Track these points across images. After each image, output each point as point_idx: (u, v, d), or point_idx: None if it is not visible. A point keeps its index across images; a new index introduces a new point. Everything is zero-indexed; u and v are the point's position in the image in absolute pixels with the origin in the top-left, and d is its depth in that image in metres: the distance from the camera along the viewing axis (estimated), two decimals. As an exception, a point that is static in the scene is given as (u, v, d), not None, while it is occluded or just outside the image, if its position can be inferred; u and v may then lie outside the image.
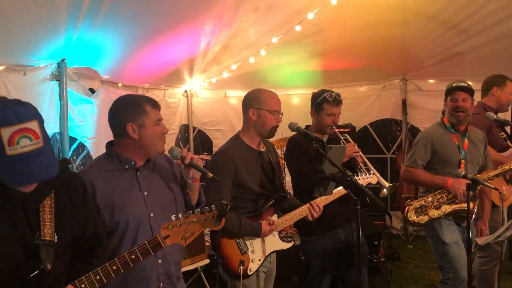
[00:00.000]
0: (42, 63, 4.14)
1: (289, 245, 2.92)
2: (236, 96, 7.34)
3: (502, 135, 3.61)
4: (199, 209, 1.89)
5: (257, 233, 2.73)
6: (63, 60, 4.33)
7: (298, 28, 5.33)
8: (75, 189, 1.87)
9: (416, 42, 5.81)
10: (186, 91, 7.15)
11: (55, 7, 3.44)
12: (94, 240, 1.93)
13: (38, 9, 3.35)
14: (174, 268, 2.30)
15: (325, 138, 3.39)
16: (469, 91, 3.32)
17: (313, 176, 2.80)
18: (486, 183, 2.89)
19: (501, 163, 3.64)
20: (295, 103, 7.11)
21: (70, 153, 4.61)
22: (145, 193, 2.21)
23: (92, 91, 4.99)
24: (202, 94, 7.28)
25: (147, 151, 2.21)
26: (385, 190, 3.16)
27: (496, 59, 5.68)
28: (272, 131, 2.86)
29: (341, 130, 6.42)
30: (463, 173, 2.93)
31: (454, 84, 3.37)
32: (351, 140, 3.42)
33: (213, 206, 1.88)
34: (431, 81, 6.56)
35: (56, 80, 4.33)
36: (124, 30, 4.36)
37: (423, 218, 3.33)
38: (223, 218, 1.87)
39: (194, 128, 7.40)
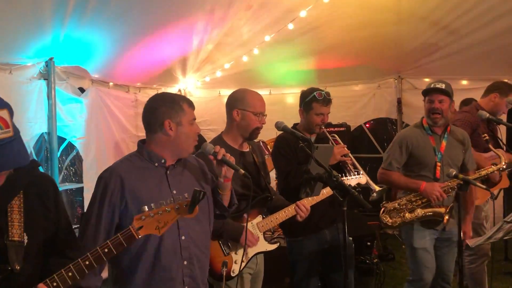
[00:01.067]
0: (29, 62, 4.09)
1: (274, 246, 2.87)
2: (230, 95, 7.25)
3: (484, 136, 3.56)
4: (171, 198, 1.84)
5: (238, 235, 2.67)
6: (51, 59, 4.28)
7: (290, 26, 5.28)
8: (45, 189, 1.84)
9: (411, 41, 5.77)
10: (180, 91, 7.07)
11: (39, 5, 3.40)
12: (67, 240, 1.89)
13: (22, 7, 3.30)
14: (199, 271, 2.25)
15: (313, 137, 3.33)
16: (446, 92, 3.26)
17: (301, 177, 2.74)
18: (478, 184, 2.84)
19: (478, 164, 3.60)
20: (290, 102, 7.03)
21: (59, 153, 4.56)
22: (174, 192, 2.18)
23: (82, 90, 4.93)
24: (196, 94, 7.21)
25: (180, 150, 2.21)
26: (374, 194, 3.11)
27: (489, 58, 5.66)
28: (255, 133, 2.82)
29: (336, 129, 6.44)
30: (454, 173, 2.88)
31: (431, 85, 3.31)
32: (340, 141, 3.35)
33: (186, 194, 1.83)
34: (427, 79, 6.48)
35: (44, 79, 4.28)
36: (113, 28, 4.31)
37: (396, 221, 3.31)
38: (197, 206, 1.81)
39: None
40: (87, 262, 1.68)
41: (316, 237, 3.25)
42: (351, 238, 4.53)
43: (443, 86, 3.26)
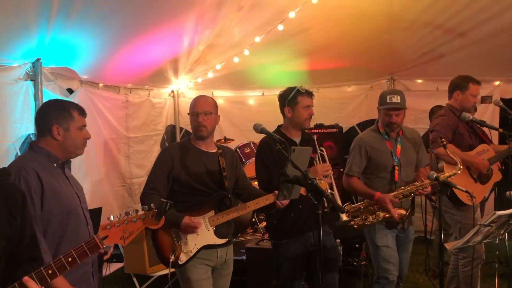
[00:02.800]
0: (15, 63, 4.08)
1: (223, 241, 2.94)
2: (223, 96, 7.27)
3: (442, 141, 3.58)
4: (136, 209, 1.88)
5: (178, 223, 2.80)
6: (38, 59, 4.26)
7: (280, 27, 5.26)
8: (13, 198, 1.80)
9: (403, 42, 5.76)
10: (172, 91, 7.07)
11: (22, 7, 3.38)
12: (31, 250, 1.85)
13: (4, 9, 3.28)
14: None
15: (297, 139, 3.32)
16: (402, 107, 3.44)
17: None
18: (458, 186, 2.83)
19: (466, 161, 3.68)
20: (283, 104, 7.01)
21: (46, 154, 4.55)
22: (75, 188, 2.43)
23: (70, 91, 4.91)
24: (189, 94, 7.19)
25: (68, 153, 2.40)
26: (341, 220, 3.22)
27: (482, 60, 5.66)
28: (197, 131, 2.96)
29: (328, 130, 6.43)
30: (434, 176, 2.90)
31: (387, 100, 3.43)
32: (327, 159, 3.35)
33: (152, 204, 1.85)
34: (419, 81, 6.50)
35: (31, 80, 4.26)
36: (100, 29, 4.29)
37: (358, 222, 3.44)
38: (163, 216, 1.83)
39: (181, 128, 7.31)
40: (49, 271, 1.66)
41: (301, 239, 3.24)
42: (339, 241, 4.56)
43: (399, 99, 3.42)
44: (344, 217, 3.22)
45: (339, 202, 3.14)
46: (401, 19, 5.31)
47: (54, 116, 2.31)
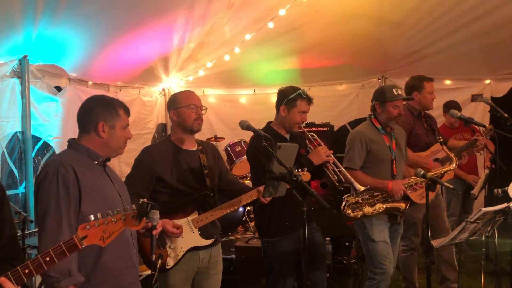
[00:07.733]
0: (1, 60, 4.04)
1: (209, 241, 2.87)
2: (214, 94, 7.24)
3: (439, 139, 3.68)
4: (118, 209, 1.82)
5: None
6: (25, 57, 4.23)
7: (271, 25, 5.24)
8: None
9: (394, 40, 5.75)
10: (163, 90, 7.03)
11: (7, 1, 3.34)
12: (11, 247, 1.83)
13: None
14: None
15: (287, 135, 3.29)
16: (407, 98, 3.64)
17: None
18: (445, 184, 2.82)
19: (417, 162, 3.79)
20: (274, 102, 6.95)
21: (34, 153, 4.50)
22: (117, 187, 2.33)
23: (58, 89, 4.87)
24: (180, 93, 7.14)
25: (110, 151, 2.32)
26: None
27: (472, 58, 5.67)
28: (195, 124, 2.87)
29: (319, 129, 6.41)
30: (421, 173, 2.89)
31: (394, 92, 3.48)
32: (319, 141, 3.30)
33: (133, 205, 1.81)
34: (410, 79, 6.48)
35: (18, 78, 4.23)
36: (88, 26, 4.26)
37: (358, 214, 3.38)
38: (144, 218, 1.80)
39: (172, 127, 7.25)
40: (26, 271, 1.63)
41: (293, 237, 3.20)
42: (328, 238, 4.55)
43: (400, 91, 3.55)
44: (361, 188, 3.12)
45: (354, 180, 3.11)
46: (391, 17, 5.30)
47: (101, 113, 2.24)
